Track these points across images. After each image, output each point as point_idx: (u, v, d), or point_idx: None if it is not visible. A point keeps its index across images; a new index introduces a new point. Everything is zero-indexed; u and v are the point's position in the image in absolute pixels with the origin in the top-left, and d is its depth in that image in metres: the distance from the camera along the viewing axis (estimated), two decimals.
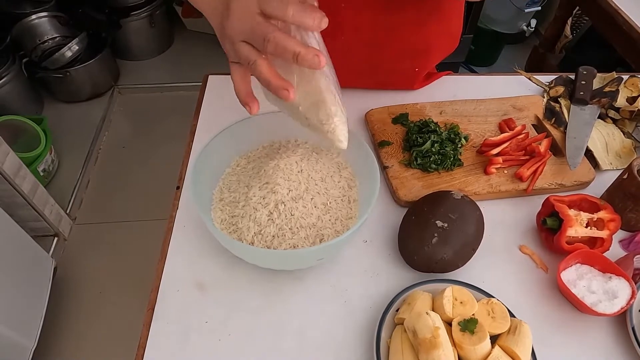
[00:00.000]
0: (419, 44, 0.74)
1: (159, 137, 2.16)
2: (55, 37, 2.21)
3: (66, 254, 1.73)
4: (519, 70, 0.91)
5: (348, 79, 0.75)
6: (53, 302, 1.46)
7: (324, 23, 0.45)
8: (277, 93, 0.47)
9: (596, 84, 0.85)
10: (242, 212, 0.60)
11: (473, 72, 2.37)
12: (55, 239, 1.71)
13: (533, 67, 2.04)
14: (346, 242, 0.58)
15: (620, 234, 0.67)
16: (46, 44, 2.19)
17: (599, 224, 0.63)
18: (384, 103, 0.82)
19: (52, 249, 1.69)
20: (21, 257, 1.34)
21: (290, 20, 0.45)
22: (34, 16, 2.14)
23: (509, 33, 2.24)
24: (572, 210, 0.63)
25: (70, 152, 2.02)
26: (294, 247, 0.57)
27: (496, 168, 0.72)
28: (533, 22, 2.20)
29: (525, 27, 2.20)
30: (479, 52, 2.31)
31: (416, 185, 0.70)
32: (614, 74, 0.86)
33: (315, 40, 0.50)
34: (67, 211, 1.80)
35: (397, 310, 0.56)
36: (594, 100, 0.82)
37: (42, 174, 1.81)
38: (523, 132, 0.76)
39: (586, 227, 0.63)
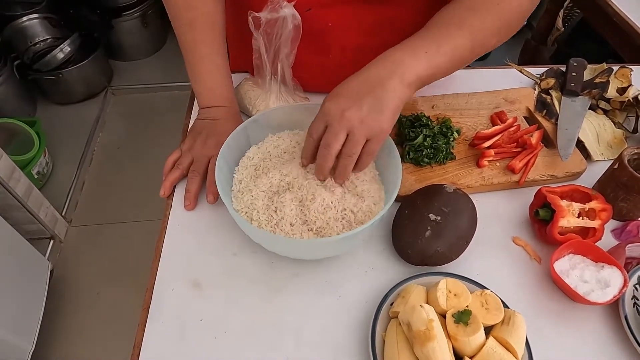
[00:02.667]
0: None
1: (153, 137, 2.15)
2: (47, 39, 2.20)
3: (62, 256, 1.73)
4: (510, 63, 0.91)
5: None
6: (50, 305, 1.46)
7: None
8: (185, 200, 0.68)
9: (587, 75, 0.86)
10: (262, 196, 0.61)
11: (467, 66, 2.37)
12: (51, 241, 1.71)
13: (526, 60, 2.04)
14: (372, 228, 0.58)
15: (612, 224, 0.68)
16: (38, 45, 2.18)
17: (590, 214, 0.64)
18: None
19: (48, 251, 1.68)
20: (17, 260, 1.33)
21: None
22: (25, 18, 2.13)
23: None
24: (564, 201, 0.63)
25: (65, 153, 2.02)
26: (319, 235, 0.58)
27: (488, 161, 0.72)
28: None
29: None
30: None
31: (409, 179, 0.70)
32: (604, 65, 0.87)
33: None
34: (63, 213, 1.79)
35: (391, 304, 0.56)
36: (585, 92, 0.82)
37: (36, 176, 1.80)
38: (515, 124, 0.76)
39: (578, 217, 0.63)
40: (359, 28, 0.75)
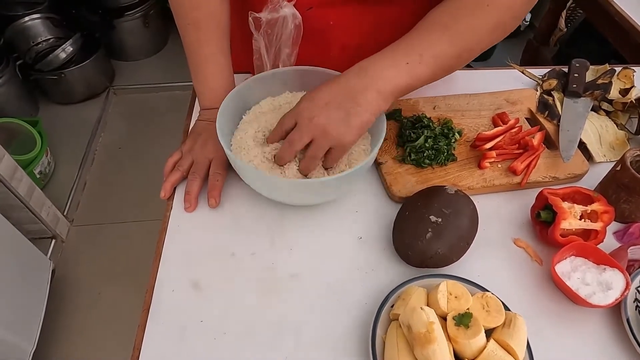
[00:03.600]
0: None
1: (155, 137, 2.16)
2: (49, 39, 2.20)
3: (64, 256, 1.73)
4: (512, 64, 0.91)
5: None
6: (52, 304, 1.47)
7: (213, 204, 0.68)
8: (185, 201, 0.68)
9: (589, 76, 0.85)
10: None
11: (469, 67, 2.36)
12: (53, 241, 1.71)
13: (528, 60, 2.04)
14: (356, 178, 0.64)
15: (614, 226, 0.67)
16: (40, 45, 2.18)
17: (592, 216, 0.63)
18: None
19: (50, 251, 1.69)
20: (19, 259, 1.34)
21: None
22: (27, 18, 2.13)
23: None
24: (565, 202, 0.63)
25: (66, 153, 2.02)
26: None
27: (490, 162, 0.72)
28: (528, 16, 2.19)
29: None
30: None
31: (410, 180, 0.70)
32: (607, 66, 0.87)
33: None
34: (64, 213, 1.80)
35: (392, 306, 0.56)
36: (587, 93, 0.82)
37: (38, 176, 1.81)
38: (516, 125, 0.76)
39: (580, 219, 0.63)
40: (360, 27, 0.74)
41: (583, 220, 0.63)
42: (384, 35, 0.72)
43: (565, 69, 0.88)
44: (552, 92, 0.83)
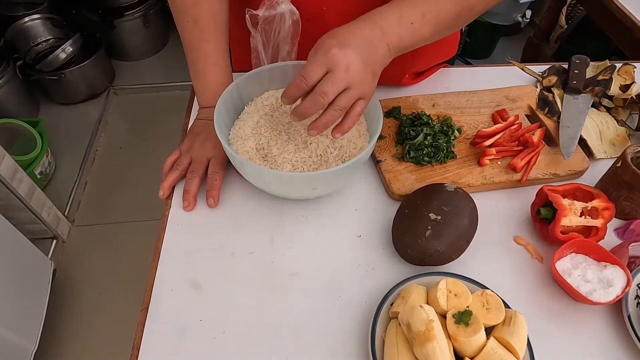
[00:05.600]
0: (409, 53, 0.74)
1: (155, 137, 2.16)
2: (49, 39, 2.20)
3: (65, 256, 1.73)
4: (511, 61, 0.90)
5: None
6: (53, 304, 1.47)
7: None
8: (183, 200, 0.68)
9: (589, 72, 0.85)
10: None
11: (469, 64, 2.36)
12: (54, 241, 1.71)
13: (528, 58, 2.03)
14: (353, 171, 0.63)
15: (615, 223, 0.67)
16: (40, 46, 2.18)
17: (593, 213, 0.63)
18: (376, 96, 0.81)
19: (51, 251, 1.69)
20: (20, 260, 1.34)
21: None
22: (27, 18, 2.13)
23: (505, 25, 2.23)
24: (566, 199, 0.63)
25: (67, 154, 2.02)
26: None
27: (490, 159, 0.71)
28: (528, 13, 2.18)
29: (520, 19, 2.18)
30: (475, 44, 2.30)
31: (409, 178, 0.70)
32: (607, 63, 0.86)
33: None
34: (65, 213, 1.80)
35: (391, 304, 0.56)
36: (587, 89, 0.82)
37: (39, 176, 1.81)
38: (516, 122, 0.75)
39: (580, 216, 0.62)
40: (354, 12, 0.73)
41: (583, 217, 0.63)
42: None
43: (566, 66, 0.87)
44: (552, 89, 0.83)
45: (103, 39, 2.28)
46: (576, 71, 0.83)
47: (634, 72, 0.84)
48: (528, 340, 0.51)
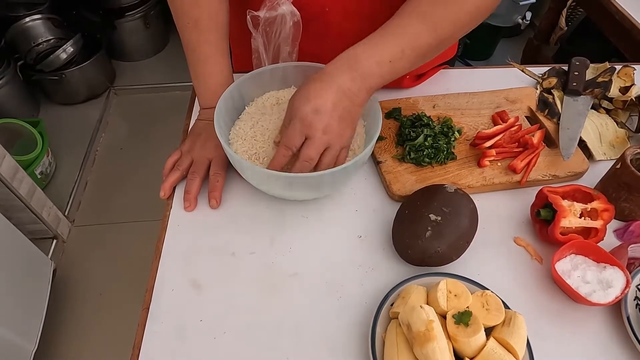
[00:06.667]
0: None
1: (155, 137, 2.16)
2: (50, 40, 2.20)
3: (65, 256, 1.73)
4: (511, 62, 0.90)
5: None
6: (53, 305, 1.47)
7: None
8: (184, 201, 0.68)
9: (589, 74, 0.85)
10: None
11: (469, 65, 2.36)
12: (54, 241, 1.71)
13: (528, 59, 2.03)
14: (352, 172, 0.64)
15: (614, 224, 0.67)
16: (41, 46, 2.19)
17: (592, 214, 0.63)
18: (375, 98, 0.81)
19: (51, 251, 1.69)
20: (20, 260, 1.34)
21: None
22: (27, 19, 2.13)
23: (505, 26, 2.24)
24: (565, 201, 0.63)
25: (68, 154, 2.02)
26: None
27: (490, 161, 0.72)
28: (528, 15, 2.19)
29: (520, 20, 2.19)
30: (475, 46, 2.30)
31: (410, 179, 0.70)
32: (607, 64, 0.86)
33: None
34: (66, 213, 1.80)
35: (391, 305, 0.56)
36: (587, 91, 0.82)
37: (39, 176, 1.81)
38: (516, 124, 0.76)
39: (580, 217, 0.63)
40: (357, 13, 0.73)
41: (583, 218, 0.63)
42: (383, 20, 0.71)
43: (565, 67, 0.87)
44: (552, 91, 0.83)
45: (104, 39, 2.28)
46: (576, 73, 0.84)
47: (633, 74, 0.84)
48: (528, 340, 0.52)
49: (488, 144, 0.72)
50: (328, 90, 0.58)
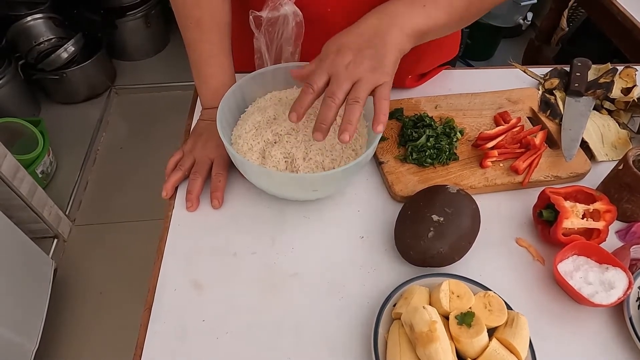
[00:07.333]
0: (411, 55, 0.75)
1: (156, 137, 2.16)
2: (51, 39, 2.20)
3: (66, 256, 1.73)
4: (513, 63, 0.90)
5: None
6: (54, 304, 1.47)
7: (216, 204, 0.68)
8: (186, 201, 0.68)
9: (591, 75, 0.85)
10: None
11: (470, 66, 2.36)
12: (55, 240, 1.72)
13: (529, 60, 2.03)
14: (354, 173, 0.64)
15: (617, 225, 0.67)
16: (42, 45, 2.19)
17: (595, 215, 0.63)
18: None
19: (52, 250, 1.69)
20: (21, 259, 1.34)
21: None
22: (29, 18, 2.13)
23: (506, 27, 2.24)
24: (568, 202, 0.63)
25: (68, 153, 2.02)
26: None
27: (492, 161, 0.71)
28: (530, 15, 2.19)
29: (522, 21, 2.19)
30: (476, 46, 2.30)
31: (412, 180, 0.70)
32: (609, 65, 0.86)
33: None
34: (66, 212, 1.80)
35: (394, 305, 0.56)
36: (589, 92, 0.82)
37: (40, 175, 1.81)
38: (518, 124, 0.76)
39: (582, 218, 0.63)
40: (359, 13, 0.73)
41: (585, 219, 0.63)
42: None
43: (567, 68, 0.87)
44: (554, 91, 0.83)
45: (104, 38, 2.28)
46: (578, 74, 0.84)
47: (635, 75, 0.84)
48: (530, 341, 0.52)
49: (490, 144, 0.72)
50: (354, 31, 0.57)
